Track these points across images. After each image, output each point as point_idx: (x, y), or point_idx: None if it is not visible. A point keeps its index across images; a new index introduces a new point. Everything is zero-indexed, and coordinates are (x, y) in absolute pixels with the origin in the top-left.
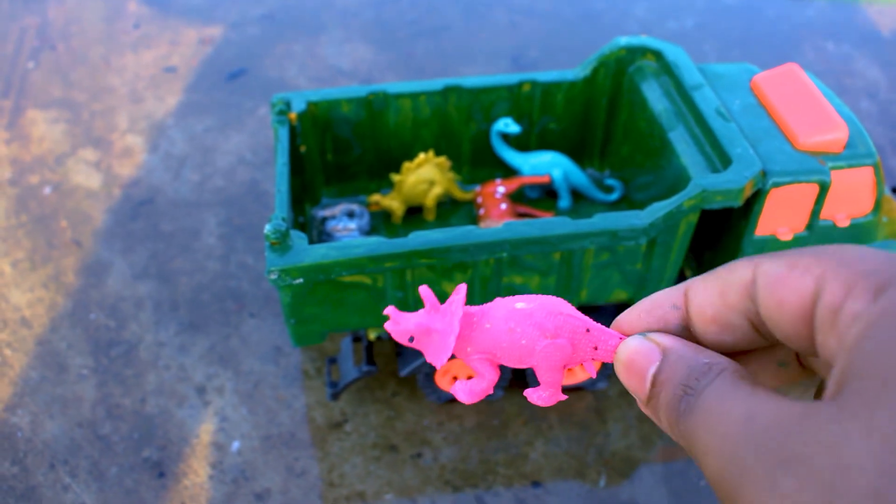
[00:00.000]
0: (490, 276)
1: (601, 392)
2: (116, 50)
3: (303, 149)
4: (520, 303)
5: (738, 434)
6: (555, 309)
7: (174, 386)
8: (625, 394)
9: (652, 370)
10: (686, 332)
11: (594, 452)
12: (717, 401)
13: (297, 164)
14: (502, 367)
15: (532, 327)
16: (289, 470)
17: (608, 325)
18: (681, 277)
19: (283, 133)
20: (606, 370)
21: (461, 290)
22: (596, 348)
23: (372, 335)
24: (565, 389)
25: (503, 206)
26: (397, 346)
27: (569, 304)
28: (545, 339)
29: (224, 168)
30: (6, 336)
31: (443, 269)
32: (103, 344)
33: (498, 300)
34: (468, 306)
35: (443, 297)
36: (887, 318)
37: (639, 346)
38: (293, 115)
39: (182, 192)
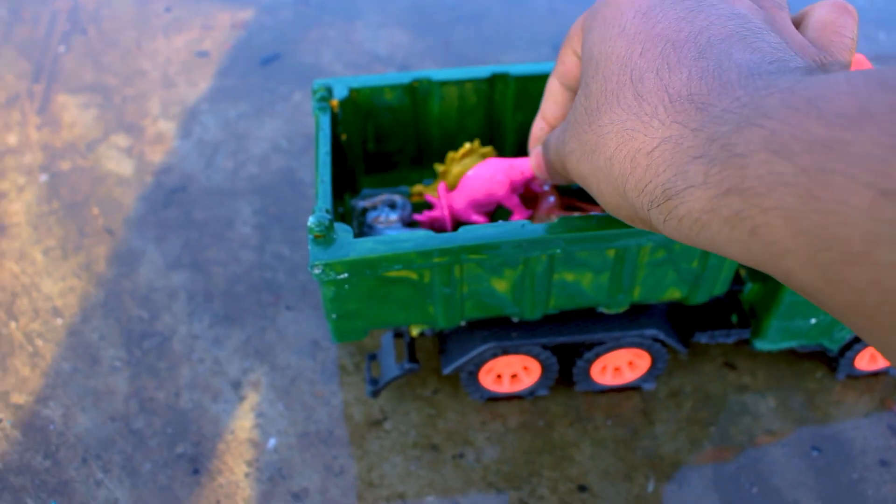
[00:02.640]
0: (541, 272)
1: (649, 393)
2: (148, 34)
3: (343, 137)
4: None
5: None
6: (492, 161)
7: (208, 380)
8: (673, 395)
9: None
10: None
11: (641, 455)
12: None
13: (338, 153)
14: (546, 369)
15: (484, 168)
16: (327, 469)
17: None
18: (737, 277)
19: (325, 120)
20: (654, 371)
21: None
22: (522, 172)
23: (414, 331)
24: (616, 389)
25: (551, 198)
26: (440, 343)
27: (499, 159)
28: (492, 176)
29: (258, 155)
30: (38, 326)
31: (491, 266)
32: (136, 335)
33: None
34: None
35: (492, 293)
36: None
37: (534, 153)
38: (335, 102)
39: (215, 180)
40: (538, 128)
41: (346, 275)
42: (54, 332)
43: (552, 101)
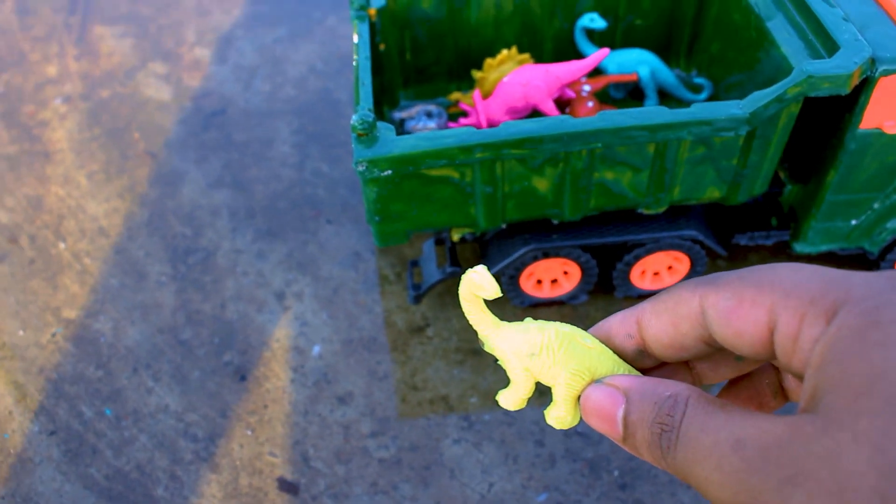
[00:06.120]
0: (582, 170)
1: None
2: None
3: (382, 47)
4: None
5: (735, 462)
6: (528, 66)
7: (253, 292)
8: None
9: (620, 413)
10: (642, 354)
11: None
12: (699, 432)
13: (376, 65)
14: (586, 273)
15: (520, 74)
16: (371, 374)
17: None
18: (776, 179)
19: (364, 29)
20: (693, 276)
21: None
22: (558, 77)
23: (456, 236)
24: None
25: (589, 104)
26: (481, 249)
27: (535, 65)
28: (528, 81)
29: (295, 78)
30: (85, 245)
31: (533, 164)
32: (181, 252)
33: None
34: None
35: (533, 193)
36: (844, 340)
37: (600, 393)
38: (373, 11)
39: (254, 103)
40: (623, 333)
41: (389, 171)
42: (101, 251)
43: (675, 324)
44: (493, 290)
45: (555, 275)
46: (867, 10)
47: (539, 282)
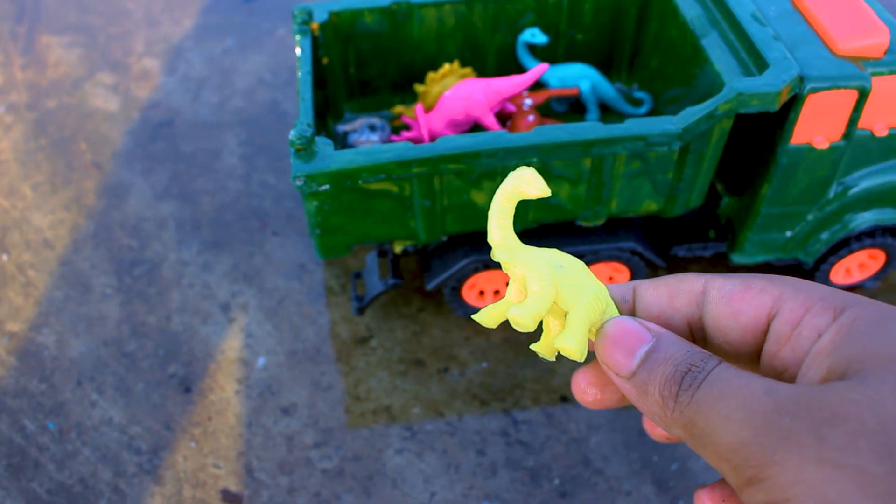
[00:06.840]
0: None
1: None
2: None
3: (325, 61)
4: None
5: (766, 403)
6: (469, 81)
7: (198, 303)
8: None
9: (643, 349)
10: None
11: None
12: (732, 377)
13: (320, 78)
14: None
15: (461, 88)
16: (315, 385)
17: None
18: (714, 192)
19: (306, 43)
20: None
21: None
22: (499, 91)
23: (398, 248)
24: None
25: (530, 118)
26: (423, 260)
27: (476, 79)
28: (469, 95)
29: (244, 89)
30: (29, 257)
31: (471, 178)
32: (126, 264)
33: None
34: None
35: (471, 206)
36: (861, 327)
37: (632, 325)
38: (315, 26)
39: (202, 114)
40: (618, 296)
41: (327, 186)
42: (46, 263)
43: (671, 297)
44: (544, 188)
45: (497, 286)
46: (798, 29)
47: (482, 293)
